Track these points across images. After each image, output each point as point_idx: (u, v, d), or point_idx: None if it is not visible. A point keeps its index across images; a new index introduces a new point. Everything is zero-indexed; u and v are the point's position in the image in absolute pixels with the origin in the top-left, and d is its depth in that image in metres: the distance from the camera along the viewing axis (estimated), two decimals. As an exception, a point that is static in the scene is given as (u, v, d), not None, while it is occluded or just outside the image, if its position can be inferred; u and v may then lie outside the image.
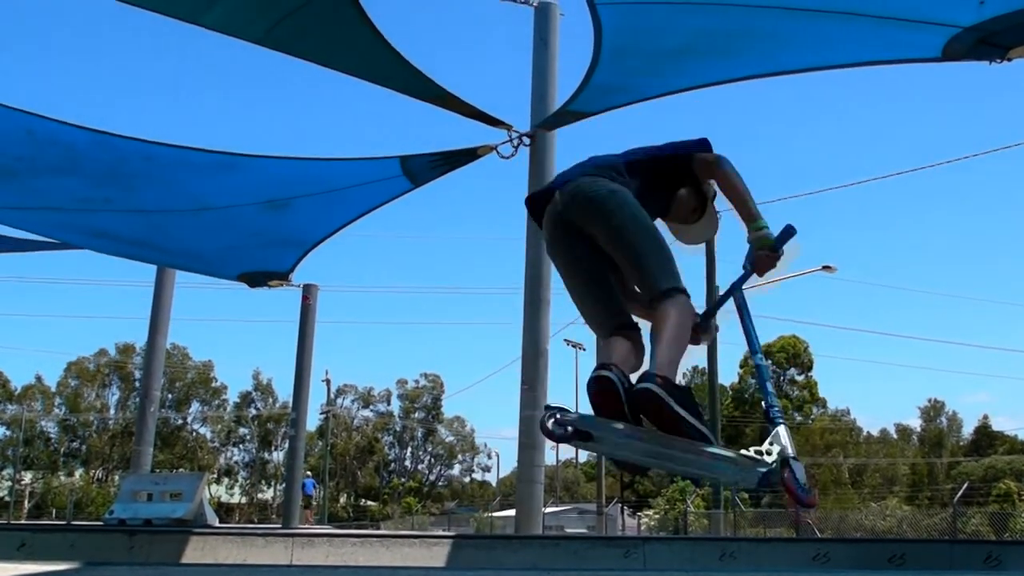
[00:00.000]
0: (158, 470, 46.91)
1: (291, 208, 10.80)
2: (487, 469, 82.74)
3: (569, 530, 37.79)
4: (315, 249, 12.32)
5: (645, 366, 3.71)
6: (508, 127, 10.41)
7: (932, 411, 76.20)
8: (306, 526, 26.47)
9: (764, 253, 4.04)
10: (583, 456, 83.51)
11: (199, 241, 12.11)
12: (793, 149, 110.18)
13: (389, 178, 10.08)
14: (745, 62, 7.76)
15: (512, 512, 21.66)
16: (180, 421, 71.74)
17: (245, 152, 9.51)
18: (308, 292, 21.09)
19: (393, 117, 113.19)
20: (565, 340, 50.27)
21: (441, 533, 18.77)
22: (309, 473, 39.50)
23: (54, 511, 57.55)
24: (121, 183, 9.90)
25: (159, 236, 11.84)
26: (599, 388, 3.56)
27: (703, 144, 4.25)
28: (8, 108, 8.16)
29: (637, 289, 4.02)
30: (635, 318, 4.04)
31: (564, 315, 39.72)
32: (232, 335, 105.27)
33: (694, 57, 7.65)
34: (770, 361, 73.91)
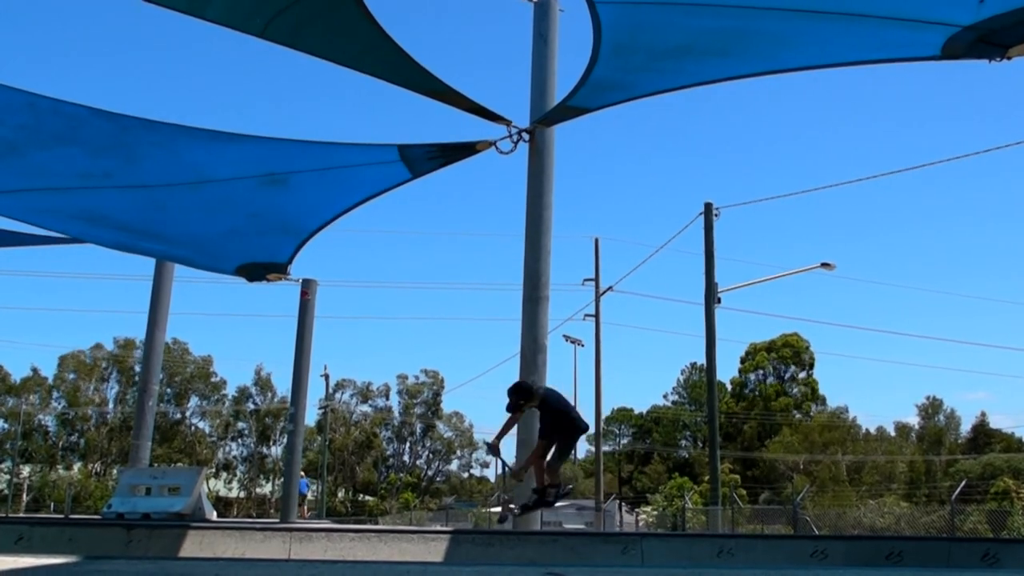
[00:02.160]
0: (156, 464, 46.91)
1: (290, 185, 10.76)
2: (485, 465, 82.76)
3: (567, 526, 37.80)
4: (314, 242, 12.30)
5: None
6: (507, 122, 10.39)
7: (930, 409, 76.26)
8: (303, 521, 26.49)
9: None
10: (581, 453, 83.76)
11: (199, 224, 12.06)
12: (793, 147, 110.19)
13: (387, 162, 10.05)
14: (745, 61, 7.76)
15: (510, 508, 21.62)
16: (179, 415, 71.70)
17: (245, 132, 9.56)
18: (307, 287, 21.11)
19: (392, 112, 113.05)
20: (564, 336, 50.27)
21: (439, 528, 18.77)
22: (303, 473, 39.43)
23: (52, 504, 57.52)
24: (122, 152, 9.85)
25: (159, 219, 11.78)
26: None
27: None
28: (10, 88, 8.18)
29: None
30: None
31: (563, 311, 39.71)
32: (231, 330, 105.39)
33: (694, 55, 7.64)
34: (774, 354, 73.92)
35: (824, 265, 29.54)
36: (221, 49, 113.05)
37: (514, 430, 10.85)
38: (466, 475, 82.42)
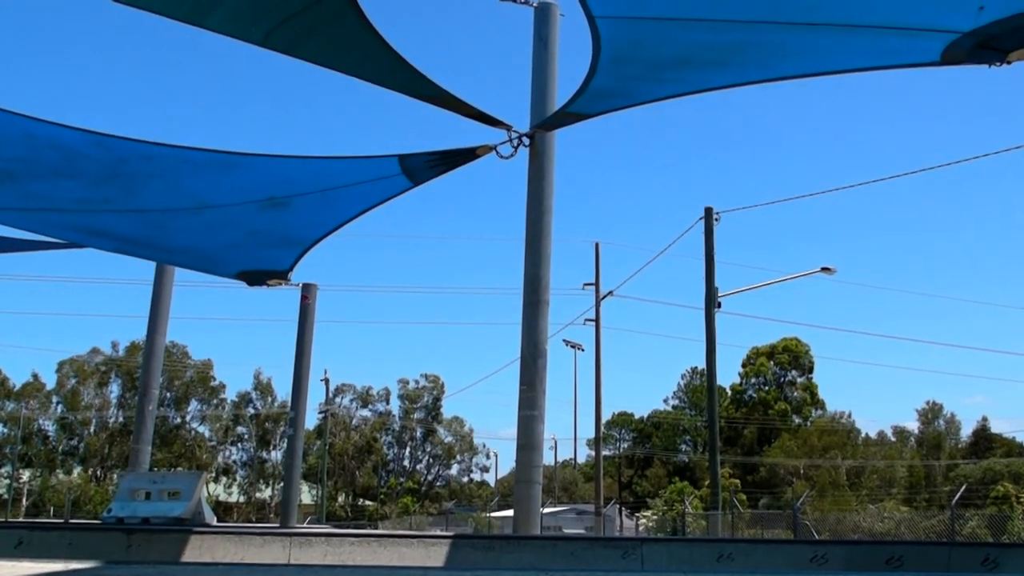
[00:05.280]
0: (156, 468, 46.84)
1: (290, 207, 10.81)
2: (485, 469, 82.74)
3: (567, 531, 37.75)
4: (315, 248, 12.32)
5: None
6: (508, 127, 10.40)
7: (930, 413, 76.21)
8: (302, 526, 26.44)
9: None
10: (581, 457, 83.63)
11: (199, 239, 12.11)
12: (794, 151, 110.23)
13: (388, 176, 10.08)
14: (745, 70, 7.80)
15: (510, 512, 21.64)
16: (179, 420, 71.62)
17: (244, 151, 9.52)
18: (307, 291, 21.08)
19: (393, 118, 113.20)
20: (564, 340, 50.36)
21: (439, 533, 18.76)
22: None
23: (52, 509, 57.47)
24: (120, 184, 9.90)
25: (159, 234, 11.85)
26: None
27: None
28: (7, 112, 8.16)
29: None
30: None
31: (563, 316, 39.64)
32: (232, 334, 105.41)
33: (692, 66, 7.67)
34: (774, 359, 73.84)
35: (824, 269, 29.54)
36: (220, 55, 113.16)
37: (514, 433, 10.84)
38: (466, 480, 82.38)
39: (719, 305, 26.47)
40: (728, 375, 76.33)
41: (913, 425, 76.69)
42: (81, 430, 68.81)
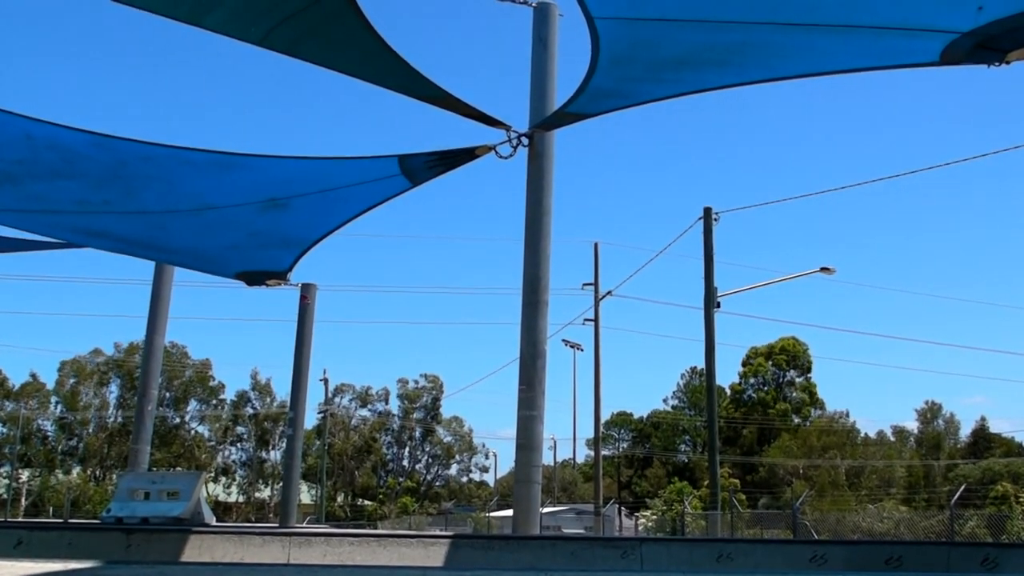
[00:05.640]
0: (155, 468, 46.79)
1: (290, 207, 10.82)
2: (485, 469, 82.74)
3: (566, 531, 37.74)
4: (314, 248, 12.34)
5: None
6: (507, 127, 10.42)
7: (929, 413, 76.21)
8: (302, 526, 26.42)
9: None
10: (580, 457, 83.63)
11: (199, 240, 12.12)
12: (793, 151, 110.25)
13: (388, 177, 10.10)
14: (744, 71, 7.81)
15: (510, 512, 21.66)
16: (178, 420, 71.57)
17: (244, 152, 9.53)
18: (307, 292, 21.06)
19: (393, 118, 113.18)
20: (563, 340, 50.33)
21: (438, 533, 18.77)
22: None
23: (51, 509, 57.43)
24: (121, 185, 9.90)
25: (159, 235, 11.85)
26: None
27: None
28: (7, 113, 8.16)
29: None
30: None
31: (562, 316, 39.64)
32: (231, 334, 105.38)
33: (692, 66, 7.68)
34: (773, 359, 73.80)
35: (824, 269, 29.52)
36: (220, 55, 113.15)
37: (513, 433, 10.83)
38: (465, 479, 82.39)
39: (718, 305, 26.48)
40: (727, 375, 76.46)
41: (912, 425, 76.81)
42: (80, 430, 68.74)
